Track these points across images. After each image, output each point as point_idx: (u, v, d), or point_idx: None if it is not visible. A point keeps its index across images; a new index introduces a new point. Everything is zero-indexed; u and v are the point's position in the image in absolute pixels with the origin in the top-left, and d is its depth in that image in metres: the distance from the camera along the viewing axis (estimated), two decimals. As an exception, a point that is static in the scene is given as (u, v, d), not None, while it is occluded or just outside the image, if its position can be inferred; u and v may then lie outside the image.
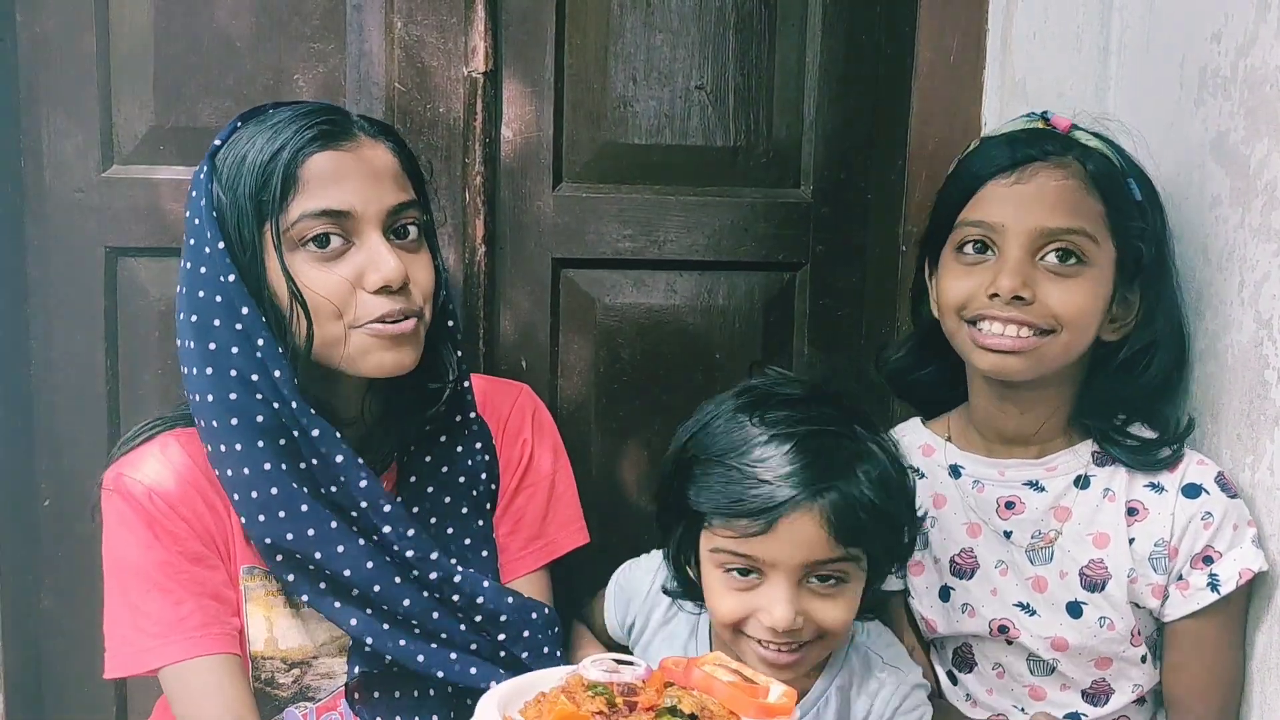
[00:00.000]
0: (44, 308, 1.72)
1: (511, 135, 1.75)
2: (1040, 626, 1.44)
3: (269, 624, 1.40)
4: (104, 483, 1.38)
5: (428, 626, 1.40)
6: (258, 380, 1.30)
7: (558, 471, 1.57)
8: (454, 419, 1.46)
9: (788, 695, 1.12)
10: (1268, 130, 1.32)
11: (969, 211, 1.39)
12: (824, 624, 1.28)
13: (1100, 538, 1.42)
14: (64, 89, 1.68)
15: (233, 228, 1.30)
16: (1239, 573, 1.35)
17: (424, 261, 1.37)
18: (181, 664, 1.32)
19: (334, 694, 1.43)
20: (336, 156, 1.30)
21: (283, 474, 1.32)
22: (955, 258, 1.41)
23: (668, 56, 1.76)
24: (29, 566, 1.76)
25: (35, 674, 1.78)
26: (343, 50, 1.71)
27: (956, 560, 1.49)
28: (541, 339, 1.80)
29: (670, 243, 1.79)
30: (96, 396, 1.74)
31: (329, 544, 1.34)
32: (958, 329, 1.41)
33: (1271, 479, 1.33)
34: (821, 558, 1.25)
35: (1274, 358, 1.31)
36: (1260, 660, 1.37)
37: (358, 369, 1.34)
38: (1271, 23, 1.31)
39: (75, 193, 1.70)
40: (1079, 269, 1.35)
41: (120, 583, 1.35)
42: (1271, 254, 1.32)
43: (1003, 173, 1.37)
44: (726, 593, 1.30)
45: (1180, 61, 1.47)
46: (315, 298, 1.30)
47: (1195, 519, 1.37)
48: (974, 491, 1.49)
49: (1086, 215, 1.35)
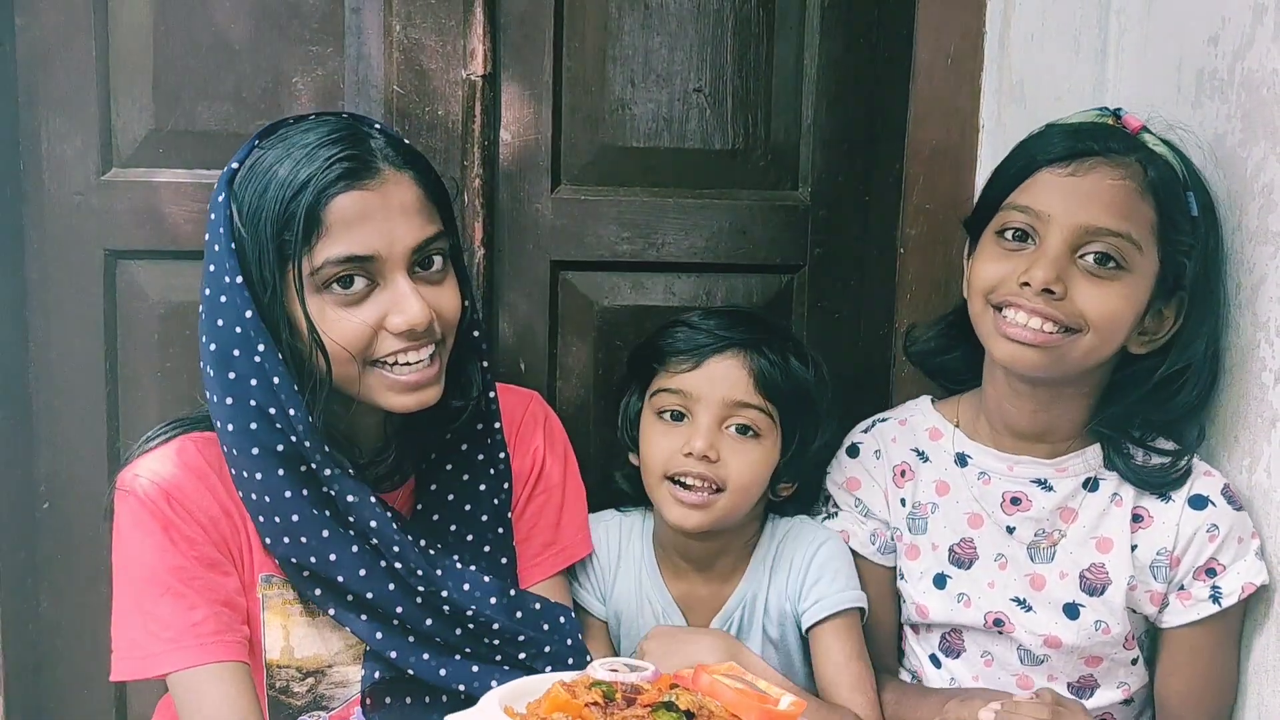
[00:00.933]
0: (43, 310, 1.72)
1: (510, 138, 1.75)
2: (1035, 624, 1.44)
3: (285, 632, 1.39)
4: (119, 483, 1.36)
5: (450, 642, 1.40)
6: (275, 414, 1.29)
7: (568, 479, 1.56)
8: (476, 427, 1.45)
9: (796, 705, 1.12)
10: (1264, 133, 1.32)
11: (1018, 195, 1.36)
12: (734, 469, 1.47)
13: (1103, 542, 1.41)
14: (63, 92, 1.68)
15: (253, 264, 1.28)
16: (1241, 586, 1.35)
17: (449, 290, 1.35)
18: (192, 670, 1.30)
19: (347, 702, 1.43)
20: (362, 197, 1.27)
21: (304, 500, 1.32)
22: (995, 240, 1.38)
23: (666, 59, 1.76)
24: (28, 569, 1.76)
25: (34, 677, 1.78)
26: (341, 53, 1.71)
27: (956, 549, 1.48)
28: (540, 341, 1.80)
29: (668, 245, 1.79)
30: (96, 399, 1.74)
31: (351, 569, 1.34)
32: (983, 313, 1.38)
33: (1269, 481, 1.34)
34: (741, 399, 1.47)
35: (1271, 360, 1.32)
36: (1257, 664, 1.37)
37: (375, 403, 1.33)
38: (1268, 26, 1.32)
39: (74, 195, 1.70)
40: (1117, 273, 1.32)
41: (131, 585, 1.33)
42: (1268, 256, 1.32)
43: (1060, 161, 1.33)
44: (660, 437, 1.50)
45: (1178, 64, 1.47)
46: (334, 344, 1.28)
47: (1200, 531, 1.37)
48: (979, 483, 1.48)
49: (1137, 220, 1.31)
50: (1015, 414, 1.44)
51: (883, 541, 1.54)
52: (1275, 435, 1.32)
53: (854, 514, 1.55)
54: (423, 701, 1.43)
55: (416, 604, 1.37)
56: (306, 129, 1.32)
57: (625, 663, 1.17)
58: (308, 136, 1.30)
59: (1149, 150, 1.35)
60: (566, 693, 1.10)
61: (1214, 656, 1.39)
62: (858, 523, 1.55)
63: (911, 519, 1.52)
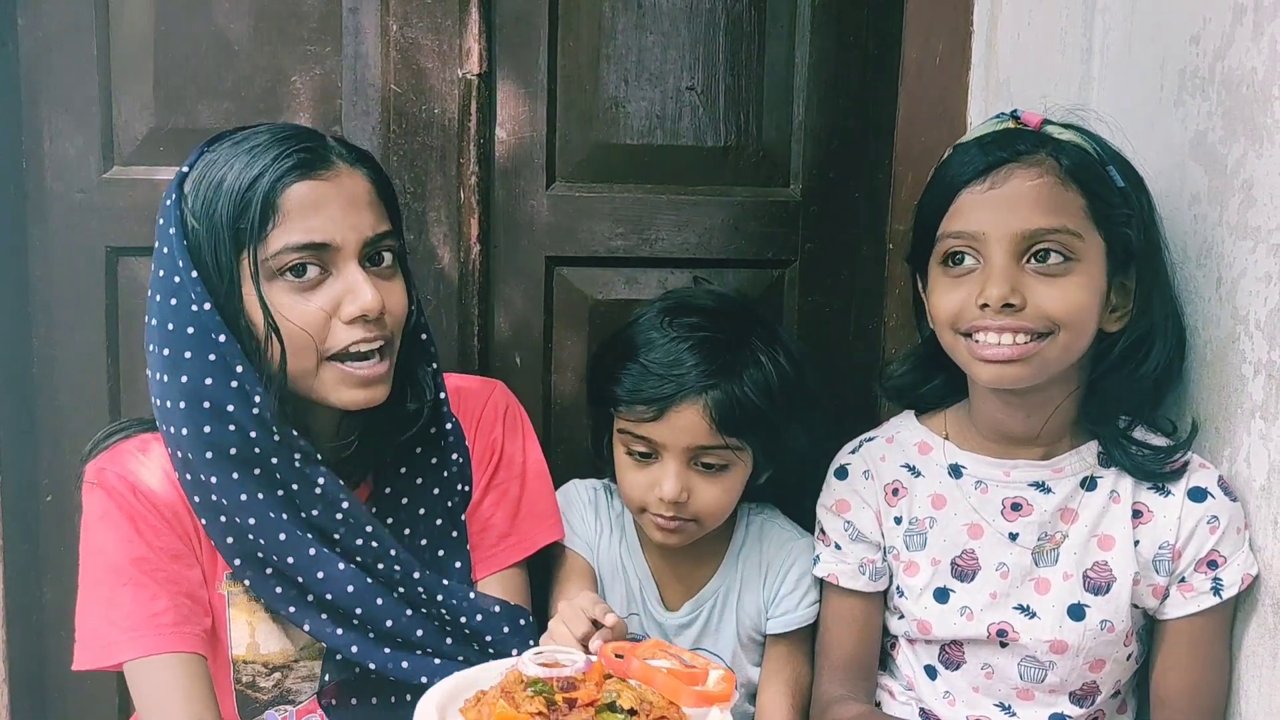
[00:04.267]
0: (46, 306, 1.74)
1: (505, 136, 1.77)
2: (1040, 630, 1.42)
3: (251, 629, 1.40)
4: (86, 476, 1.37)
5: (412, 639, 1.40)
6: (234, 411, 1.28)
7: (528, 468, 1.56)
8: (429, 430, 1.46)
9: (726, 680, 1.14)
10: (1244, 131, 1.34)
11: (948, 223, 1.36)
12: (703, 501, 1.51)
13: (1105, 540, 1.41)
14: (65, 91, 1.70)
15: (209, 255, 1.28)
16: (1241, 577, 1.37)
17: (397, 288, 1.36)
18: (147, 659, 1.30)
19: (313, 696, 1.44)
20: (316, 186, 1.29)
21: (260, 503, 1.32)
22: (942, 271, 1.38)
23: (659, 58, 1.78)
24: (31, 560, 1.78)
25: (38, 664, 1.80)
26: (339, 53, 1.73)
27: (958, 562, 1.47)
28: (535, 335, 1.82)
29: (661, 241, 1.81)
30: (97, 393, 1.76)
31: (310, 569, 1.35)
32: (955, 342, 1.38)
33: (1248, 470, 1.36)
34: (705, 444, 1.49)
35: (1250, 352, 1.34)
36: (1249, 652, 1.39)
37: (328, 400, 1.34)
38: (1247, 25, 1.34)
39: (77, 193, 1.72)
40: (1068, 266, 1.32)
41: (95, 575, 1.34)
42: (1248, 251, 1.34)
43: (977, 179, 1.34)
44: (630, 471, 1.54)
45: (1161, 63, 1.50)
46: (291, 328, 1.29)
47: (1201, 523, 1.37)
48: (977, 492, 1.46)
49: (1067, 211, 1.32)
50: (1008, 422, 1.43)
51: (872, 569, 1.52)
52: (1255, 426, 1.34)
53: (843, 538, 1.54)
54: (388, 700, 1.43)
55: (378, 602, 1.37)
56: (257, 133, 1.33)
57: (555, 650, 1.19)
58: (259, 138, 1.32)
59: (1057, 141, 1.35)
60: (509, 705, 1.10)
61: (1212, 648, 1.40)
62: (843, 560, 1.54)
63: (909, 536, 1.50)
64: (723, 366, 1.48)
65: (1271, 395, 1.31)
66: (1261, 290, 1.32)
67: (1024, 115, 1.40)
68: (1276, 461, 1.31)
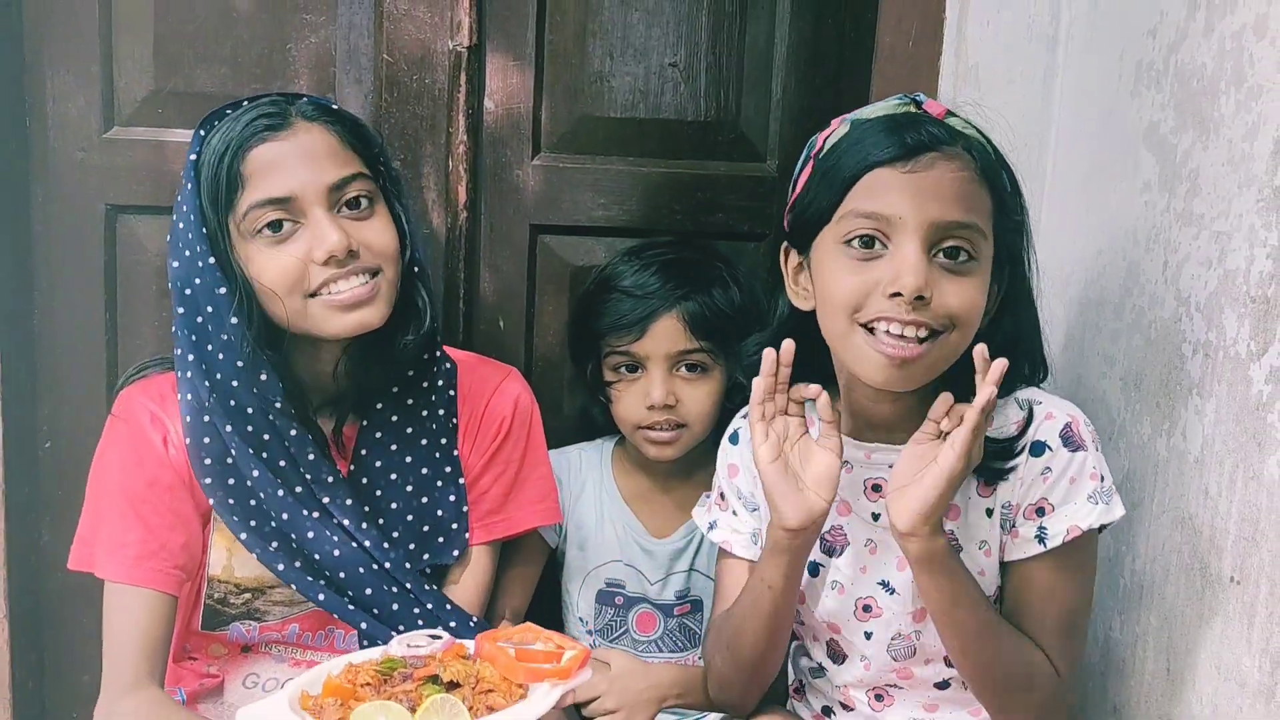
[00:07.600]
0: (47, 262, 1.78)
1: (494, 107, 1.81)
2: (902, 603, 1.41)
3: (229, 554, 1.49)
4: (118, 400, 1.49)
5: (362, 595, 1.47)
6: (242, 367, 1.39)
7: (530, 455, 1.62)
8: (422, 356, 1.52)
9: (575, 659, 1.21)
10: (1193, 123, 1.39)
11: (857, 200, 1.25)
12: (688, 404, 1.67)
13: (953, 509, 1.38)
14: (67, 53, 1.74)
15: (213, 230, 1.38)
16: (1067, 529, 1.32)
17: (378, 225, 1.43)
18: (120, 586, 1.42)
19: (283, 620, 1.53)
20: (273, 146, 1.38)
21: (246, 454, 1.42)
22: (842, 251, 1.26)
23: (643, 34, 1.82)
24: (31, 505, 1.83)
25: (35, 601, 1.86)
26: (334, 22, 1.77)
27: (827, 538, 1.44)
28: (519, 300, 1.87)
29: (642, 212, 1.85)
30: (96, 346, 1.81)
31: (278, 507, 1.44)
32: (849, 333, 1.27)
33: (1185, 444, 1.42)
34: (684, 348, 1.66)
35: (1190, 333, 1.39)
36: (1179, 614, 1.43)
37: (324, 332, 1.42)
38: (1199, 22, 1.39)
39: (78, 152, 1.76)
40: (969, 265, 1.25)
41: (94, 489, 1.47)
42: (1191, 237, 1.39)
43: (897, 160, 1.24)
44: (623, 392, 1.70)
45: (1120, 55, 1.54)
46: (273, 277, 1.38)
47: (1035, 475, 1.34)
48: (843, 472, 1.37)
49: (979, 209, 1.26)
50: (875, 413, 1.38)
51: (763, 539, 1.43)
52: (1192, 402, 1.39)
53: (738, 505, 1.51)
54: None
55: (334, 555, 1.46)
56: (242, 106, 1.42)
57: (428, 634, 1.27)
58: (239, 112, 1.41)
59: (967, 136, 1.28)
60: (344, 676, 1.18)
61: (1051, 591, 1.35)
62: (735, 529, 1.51)
63: None
64: (692, 280, 1.67)
65: (1208, 373, 1.37)
66: (1202, 274, 1.37)
67: (927, 103, 1.32)
68: (1209, 435, 1.37)
